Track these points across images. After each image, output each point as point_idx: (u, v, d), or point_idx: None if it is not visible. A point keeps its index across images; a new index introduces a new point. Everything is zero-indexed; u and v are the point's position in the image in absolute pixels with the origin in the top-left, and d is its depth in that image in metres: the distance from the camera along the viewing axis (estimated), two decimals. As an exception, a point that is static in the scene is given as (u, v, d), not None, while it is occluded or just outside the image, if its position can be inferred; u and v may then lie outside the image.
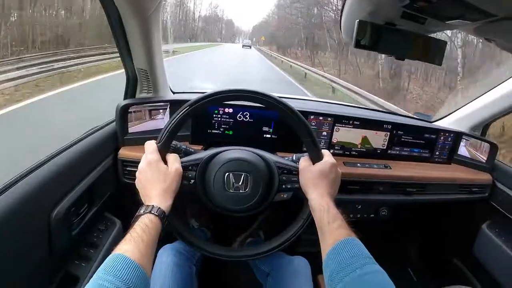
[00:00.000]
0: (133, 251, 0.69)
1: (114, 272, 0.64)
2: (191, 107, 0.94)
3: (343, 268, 0.72)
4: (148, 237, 0.74)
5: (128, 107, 1.29)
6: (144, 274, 0.68)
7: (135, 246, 0.71)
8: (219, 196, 0.97)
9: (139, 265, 0.67)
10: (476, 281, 1.66)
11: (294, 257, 1.22)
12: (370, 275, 0.72)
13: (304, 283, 1.13)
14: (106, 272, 0.64)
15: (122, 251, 0.69)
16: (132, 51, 1.25)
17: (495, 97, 1.56)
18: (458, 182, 1.54)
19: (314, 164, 0.97)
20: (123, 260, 0.66)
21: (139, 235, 0.73)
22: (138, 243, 0.72)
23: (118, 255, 0.67)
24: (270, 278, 1.20)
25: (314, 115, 1.45)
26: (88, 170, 1.12)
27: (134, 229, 0.75)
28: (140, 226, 0.76)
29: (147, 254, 0.73)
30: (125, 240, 0.72)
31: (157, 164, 0.90)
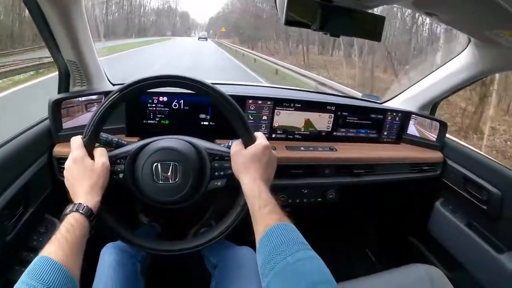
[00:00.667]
0: (57, 252, 0.67)
1: (37, 275, 0.62)
2: (117, 95, 0.88)
3: (274, 256, 0.69)
4: (72, 237, 0.72)
5: (60, 102, 1.22)
6: (70, 275, 0.66)
7: (59, 247, 0.68)
8: (149, 188, 0.93)
9: (64, 266, 0.65)
10: (433, 258, 1.68)
11: (240, 248, 1.19)
12: (302, 262, 0.68)
13: (249, 273, 1.09)
14: (30, 276, 0.62)
15: (46, 253, 0.67)
16: (58, 42, 1.18)
17: (442, 76, 1.57)
18: (408, 162, 1.55)
19: (246, 147, 0.94)
20: (46, 263, 0.64)
21: (63, 236, 0.71)
22: (63, 244, 0.69)
23: (42, 258, 0.65)
24: (217, 269, 1.17)
25: (252, 99, 1.41)
26: (21, 170, 1.06)
27: (60, 229, 0.73)
28: (65, 226, 0.74)
29: (73, 255, 0.70)
30: (50, 241, 0.70)
31: (83, 160, 0.86)
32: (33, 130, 1.19)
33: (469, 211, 1.49)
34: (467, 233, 1.44)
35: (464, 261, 1.46)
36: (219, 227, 1.01)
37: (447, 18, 1.09)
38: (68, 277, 0.65)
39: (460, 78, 1.51)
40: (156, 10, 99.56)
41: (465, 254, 1.47)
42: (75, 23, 1.13)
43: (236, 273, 1.10)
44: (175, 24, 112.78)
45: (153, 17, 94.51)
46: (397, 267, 1.32)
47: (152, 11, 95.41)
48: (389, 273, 1.30)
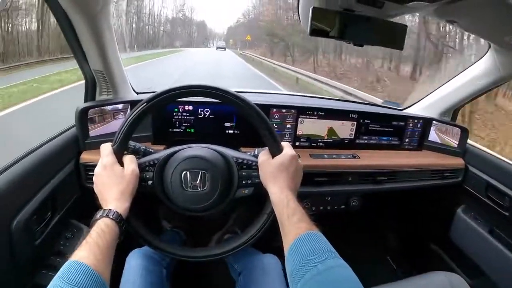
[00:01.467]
0: (89, 257, 0.68)
1: (68, 279, 0.62)
2: (147, 104, 0.91)
3: (304, 264, 0.70)
4: (103, 242, 0.73)
5: (87, 110, 1.25)
6: (101, 279, 0.66)
7: (90, 251, 0.69)
8: (178, 195, 0.95)
9: (95, 271, 0.66)
10: (455, 265, 1.66)
11: (264, 255, 1.20)
12: (332, 270, 0.69)
13: (273, 280, 1.11)
14: (61, 280, 0.62)
15: (77, 257, 0.67)
16: (86, 52, 1.21)
17: (463, 82, 1.56)
18: (430, 168, 1.54)
19: (273, 157, 0.95)
20: (78, 267, 0.65)
21: (94, 241, 0.72)
22: (94, 249, 0.70)
23: (73, 262, 0.66)
24: (241, 276, 1.19)
25: (276, 108, 1.42)
26: (49, 177, 1.09)
27: (90, 234, 0.74)
28: (96, 231, 0.75)
29: (104, 259, 0.71)
30: (81, 246, 0.71)
31: (113, 166, 0.88)
32: (60, 137, 1.22)
33: (491, 218, 1.47)
34: (489, 240, 1.42)
35: (486, 269, 1.44)
36: (245, 235, 1.02)
37: (468, 25, 1.09)
38: (99, 281, 0.66)
39: (480, 84, 1.49)
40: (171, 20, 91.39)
41: (487, 261, 1.45)
42: (103, 34, 1.16)
43: (261, 280, 1.11)
44: (191, 34, 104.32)
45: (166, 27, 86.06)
46: (419, 275, 1.32)
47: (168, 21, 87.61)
48: (411, 281, 1.29)
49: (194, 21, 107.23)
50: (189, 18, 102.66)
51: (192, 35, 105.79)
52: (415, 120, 1.62)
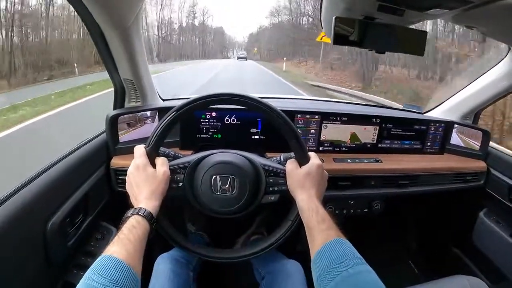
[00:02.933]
0: (120, 251, 0.70)
1: (102, 272, 0.65)
2: (177, 112, 0.95)
3: (334, 268, 0.72)
4: (135, 237, 0.76)
5: (117, 117, 1.30)
6: (133, 272, 0.69)
7: (122, 246, 0.72)
8: (207, 198, 0.99)
9: (127, 264, 0.68)
10: (477, 269, 1.65)
11: (288, 261, 1.23)
12: (361, 275, 0.72)
13: (296, 286, 1.13)
14: (95, 273, 0.65)
15: (109, 252, 0.70)
16: (117, 62, 1.26)
17: (484, 84, 1.55)
18: (452, 172, 1.54)
19: (300, 166, 0.98)
20: (110, 261, 0.68)
21: (126, 236, 0.75)
22: (125, 243, 0.73)
23: (106, 256, 0.69)
24: (264, 280, 1.22)
25: (300, 114, 1.45)
26: (81, 181, 1.14)
27: (122, 231, 0.77)
28: (127, 228, 0.77)
29: (135, 253, 0.74)
30: (113, 242, 0.74)
31: (145, 167, 0.91)
32: (91, 143, 1.27)
33: None
34: (511, 243, 1.42)
35: (508, 273, 1.44)
36: (270, 238, 1.05)
37: (487, 30, 1.10)
38: (131, 274, 0.68)
39: (501, 87, 1.49)
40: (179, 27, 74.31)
41: (509, 265, 1.44)
42: (133, 45, 1.20)
43: (283, 285, 1.13)
44: (207, 43, 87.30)
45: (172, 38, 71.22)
46: (440, 278, 1.32)
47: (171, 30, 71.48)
48: (432, 284, 1.29)
49: (209, 27, 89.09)
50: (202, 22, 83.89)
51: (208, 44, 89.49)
52: (436, 124, 1.62)
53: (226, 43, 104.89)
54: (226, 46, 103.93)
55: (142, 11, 1.18)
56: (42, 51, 16.79)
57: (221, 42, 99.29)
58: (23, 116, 7.65)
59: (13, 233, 0.83)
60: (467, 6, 0.82)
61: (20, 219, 0.85)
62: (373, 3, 0.89)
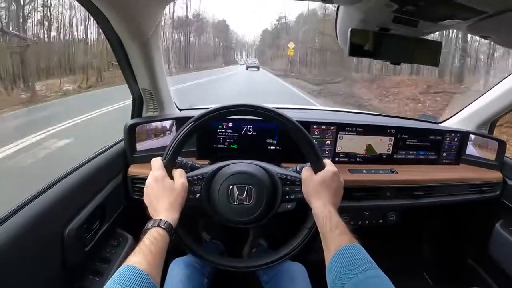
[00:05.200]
0: (142, 262, 0.72)
1: (124, 282, 0.66)
2: (194, 123, 0.97)
3: (347, 272, 0.74)
4: (156, 249, 0.77)
5: (135, 126, 1.33)
6: (153, 283, 0.70)
7: (143, 257, 0.73)
8: (224, 208, 1.00)
9: (148, 274, 0.70)
10: (493, 282, 1.63)
11: (292, 263, 1.23)
12: (374, 279, 0.73)
13: (299, 287, 1.14)
14: (117, 283, 0.66)
15: (131, 262, 0.71)
16: (136, 73, 1.30)
17: (500, 93, 1.54)
18: (467, 182, 1.52)
19: (316, 173, 0.99)
20: (132, 271, 0.69)
21: (148, 247, 0.76)
22: (147, 255, 0.74)
23: (128, 266, 0.70)
24: (269, 284, 1.22)
25: (316, 125, 1.46)
26: (98, 188, 1.17)
27: (143, 242, 0.78)
28: (149, 239, 0.79)
29: (156, 265, 0.75)
30: (135, 252, 0.75)
31: (163, 179, 0.93)
32: (109, 151, 1.30)
33: None
34: None
35: None
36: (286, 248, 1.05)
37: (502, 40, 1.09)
38: (151, 284, 0.70)
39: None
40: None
41: None
42: (152, 56, 1.23)
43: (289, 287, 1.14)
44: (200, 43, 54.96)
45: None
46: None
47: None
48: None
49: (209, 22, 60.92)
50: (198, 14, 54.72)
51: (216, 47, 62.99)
52: (452, 134, 1.60)
53: (232, 42, 76.33)
54: (233, 47, 76.95)
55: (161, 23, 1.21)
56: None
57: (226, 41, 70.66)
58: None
59: (31, 237, 0.85)
60: (482, 16, 0.82)
61: (39, 224, 0.88)
62: (389, 14, 0.89)
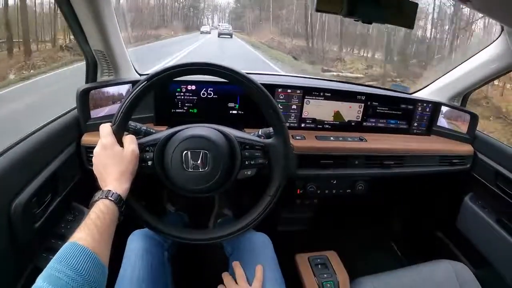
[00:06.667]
0: (86, 238, 0.68)
1: (67, 261, 0.63)
2: (146, 83, 0.89)
3: None
4: (102, 223, 0.73)
5: (88, 91, 1.23)
6: (99, 261, 0.67)
7: (88, 233, 0.69)
8: (179, 176, 0.94)
9: (94, 252, 0.66)
10: (460, 254, 1.65)
11: (255, 234, 1.19)
12: None
13: (263, 259, 1.10)
14: (58, 262, 0.63)
15: (75, 239, 0.67)
16: (86, 31, 1.19)
17: (473, 66, 1.52)
18: (438, 154, 1.51)
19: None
20: (76, 248, 0.65)
21: (93, 222, 0.72)
22: (92, 230, 0.70)
23: (72, 244, 0.66)
24: (231, 257, 1.18)
25: (281, 88, 1.40)
26: (49, 159, 1.08)
27: (89, 216, 0.74)
28: (95, 212, 0.75)
29: (103, 241, 0.71)
30: (80, 228, 0.71)
31: (112, 147, 0.87)
32: (61, 119, 1.21)
33: (499, 207, 1.44)
34: (496, 229, 1.40)
35: (492, 258, 1.43)
36: (248, 217, 1.01)
37: (481, 5, 1.05)
38: (97, 263, 0.66)
39: (492, 69, 1.45)
40: None
41: (493, 250, 1.43)
42: (102, 13, 1.13)
43: (251, 260, 1.10)
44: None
45: None
46: (423, 262, 1.32)
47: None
48: (415, 268, 1.30)
49: None
50: None
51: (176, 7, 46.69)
52: (424, 104, 1.58)
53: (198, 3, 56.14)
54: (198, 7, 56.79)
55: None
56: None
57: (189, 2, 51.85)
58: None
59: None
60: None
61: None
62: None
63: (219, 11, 62.39)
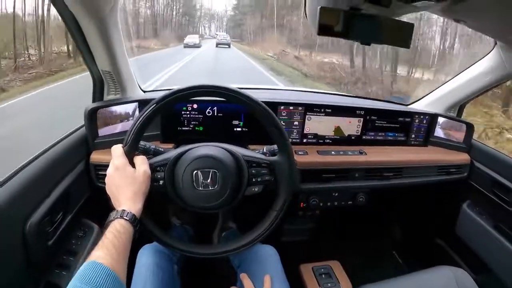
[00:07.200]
0: (105, 257, 0.69)
1: (87, 279, 0.64)
2: (155, 106, 0.92)
3: None
4: (119, 242, 0.75)
5: (96, 110, 1.26)
6: (118, 279, 0.68)
7: (107, 252, 0.71)
8: (189, 194, 0.97)
9: (113, 270, 0.68)
10: (461, 260, 1.67)
11: (261, 246, 1.22)
12: None
13: (270, 271, 1.12)
14: (80, 281, 0.64)
15: (95, 257, 0.69)
16: (94, 53, 1.22)
17: (468, 78, 1.56)
18: (436, 164, 1.54)
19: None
20: (96, 267, 0.67)
21: (111, 241, 0.74)
22: (110, 249, 0.72)
23: (91, 263, 0.68)
24: (239, 269, 1.21)
25: (283, 106, 1.43)
26: (60, 178, 1.10)
27: (106, 235, 0.76)
28: (112, 232, 0.76)
29: (120, 259, 0.73)
30: (98, 246, 0.72)
31: (125, 168, 0.89)
32: (69, 138, 1.23)
33: (496, 214, 1.48)
34: (494, 235, 1.43)
35: (491, 264, 1.45)
36: (255, 231, 1.04)
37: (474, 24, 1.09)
38: (117, 281, 0.68)
39: (485, 81, 1.49)
40: None
41: (492, 256, 1.46)
42: (111, 35, 1.16)
43: (258, 272, 1.12)
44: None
45: None
46: (424, 269, 1.33)
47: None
48: (416, 275, 1.31)
49: None
50: None
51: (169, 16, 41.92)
52: (421, 116, 1.62)
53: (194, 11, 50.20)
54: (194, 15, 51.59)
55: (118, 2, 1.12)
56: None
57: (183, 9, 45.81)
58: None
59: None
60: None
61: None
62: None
63: (216, 19, 55.08)
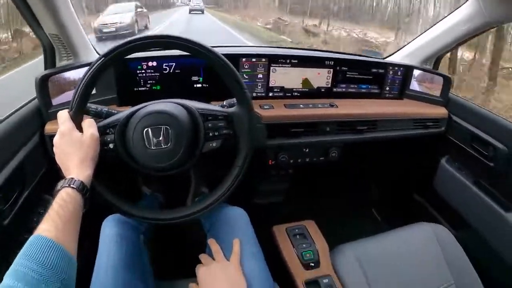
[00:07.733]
0: (50, 229, 0.66)
1: (31, 255, 0.61)
2: (103, 60, 0.86)
3: None
4: (65, 212, 0.71)
5: (47, 78, 1.17)
6: (64, 250, 0.65)
7: (52, 224, 0.68)
8: (141, 155, 0.91)
9: (58, 243, 0.65)
10: (439, 216, 1.66)
11: (231, 208, 1.18)
12: None
13: (240, 233, 1.08)
14: (23, 257, 0.62)
15: (39, 231, 0.66)
16: (38, 16, 1.12)
17: (445, 28, 1.50)
18: (412, 117, 1.50)
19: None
20: (40, 241, 0.64)
21: (56, 212, 0.70)
22: (56, 220, 0.68)
23: (35, 237, 0.65)
24: (209, 233, 1.17)
25: (246, 58, 1.36)
26: (12, 153, 1.03)
27: (52, 206, 0.72)
28: (57, 202, 0.73)
29: (67, 230, 0.70)
30: (43, 219, 0.69)
31: (71, 133, 0.84)
32: (22, 110, 1.15)
33: (475, 169, 1.45)
34: (473, 191, 1.41)
35: (471, 220, 1.44)
36: (218, 191, 0.99)
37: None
38: (63, 254, 0.64)
39: (464, 30, 1.43)
40: None
41: (472, 212, 1.44)
42: None
43: (228, 234, 1.09)
44: None
45: None
46: (404, 226, 1.33)
47: None
48: (396, 232, 1.32)
49: None
50: None
51: None
52: (395, 68, 1.56)
53: None
54: None
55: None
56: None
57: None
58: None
59: None
60: None
61: None
62: None
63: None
